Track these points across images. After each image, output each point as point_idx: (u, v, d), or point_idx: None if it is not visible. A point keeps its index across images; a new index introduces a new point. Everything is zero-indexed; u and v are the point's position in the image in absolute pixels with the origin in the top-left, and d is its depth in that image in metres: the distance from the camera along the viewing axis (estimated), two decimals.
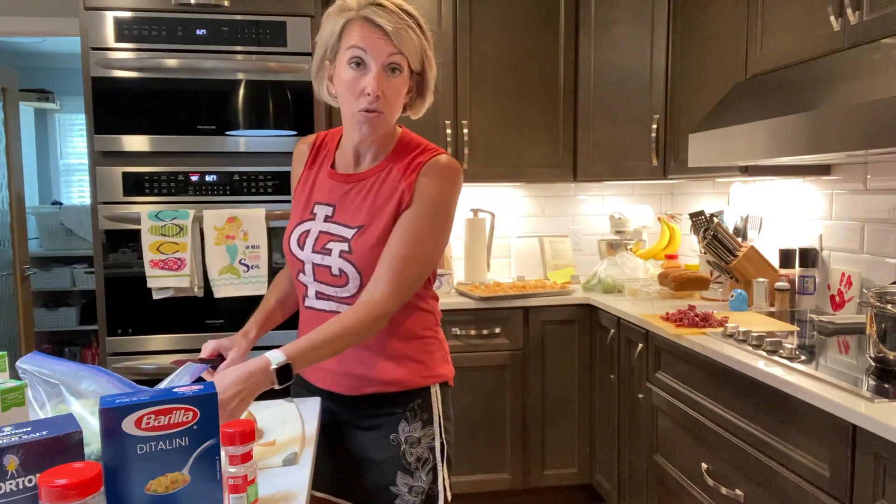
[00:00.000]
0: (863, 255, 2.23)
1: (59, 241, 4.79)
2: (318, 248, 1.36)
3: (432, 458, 1.42)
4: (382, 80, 1.26)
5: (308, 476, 1.08)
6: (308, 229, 1.39)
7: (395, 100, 1.30)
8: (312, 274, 1.38)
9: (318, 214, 1.39)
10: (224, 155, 2.51)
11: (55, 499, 0.70)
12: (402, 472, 1.39)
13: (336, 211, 1.37)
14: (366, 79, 1.26)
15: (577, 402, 2.91)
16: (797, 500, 1.55)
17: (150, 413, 0.83)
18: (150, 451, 0.83)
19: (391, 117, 1.32)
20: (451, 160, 1.37)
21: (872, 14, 1.71)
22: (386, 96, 1.27)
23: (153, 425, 0.83)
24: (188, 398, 0.86)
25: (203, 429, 0.86)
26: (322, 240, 1.37)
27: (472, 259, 3.15)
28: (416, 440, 1.40)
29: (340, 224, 1.36)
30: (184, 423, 0.85)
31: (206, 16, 2.44)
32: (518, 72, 3.02)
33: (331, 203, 1.39)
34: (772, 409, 1.65)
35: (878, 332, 1.57)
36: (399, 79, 1.29)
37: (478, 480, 2.85)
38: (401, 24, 1.25)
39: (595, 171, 3.06)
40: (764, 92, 2.03)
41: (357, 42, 1.25)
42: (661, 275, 2.78)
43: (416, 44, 1.29)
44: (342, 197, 1.38)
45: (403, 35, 1.26)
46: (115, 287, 2.47)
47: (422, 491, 1.40)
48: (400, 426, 1.40)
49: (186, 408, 0.85)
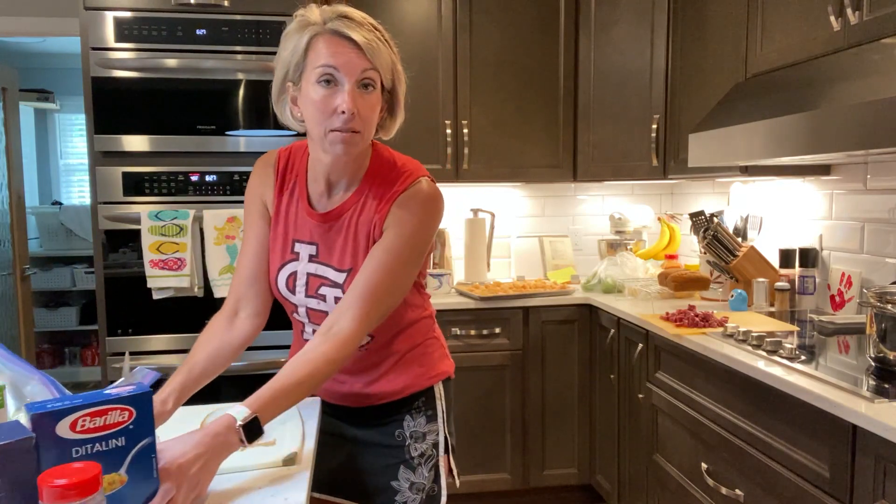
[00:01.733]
0: (863, 255, 2.23)
1: (59, 241, 4.79)
2: (312, 293, 1.31)
3: (435, 454, 1.43)
4: (357, 98, 1.17)
5: (308, 476, 1.08)
6: (294, 271, 1.32)
7: (370, 118, 1.20)
8: (307, 316, 1.34)
9: (300, 254, 1.31)
10: (224, 155, 2.51)
11: (55, 499, 0.70)
12: (404, 466, 1.40)
13: (320, 250, 1.30)
14: (339, 97, 1.16)
15: (577, 402, 2.91)
16: (797, 500, 1.55)
17: (86, 415, 0.83)
18: (86, 454, 0.83)
19: (367, 136, 1.22)
20: (430, 188, 1.28)
21: (872, 14, 1.71)
22: (361, 115, 1.18)
23: (88, 427, 0.83)
24: (124, 398, 0.86)
25: (139, 428, 0.87)
26: (313, 283, 1.31)
27: (472, 259, 3.15)
28: (422, 435, 1.41)
29: (328, 265, 1.29)
30: (120, 423, 0.85)
31: (206, 16, 2.44)
32: (518, 72, 3.02)
33: (312, 241, 1.31)
34: (772, 409, 1.65)
35: (878, 332, 1.57)
36: (373, 95, 1.20)
37: (478, 480, 2.85)
38: (372, 37, 1.17)
39: (595, 171, 3.06)
40: (764, 92, 2.03)
41: (327, 58, 1.15)
42: (661, 275, 2.78)
43: (388, 58, 1.21)
44: (323, 235, 1.30)
45: (376, 48, 1.17)
46: (115, 287, 2.47)
47: (423, 488, 1.41)
48: (405, 422, 1.41)
49: (122, 408, 0.85)
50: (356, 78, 1.17)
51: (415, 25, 2.92)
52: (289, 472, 1.09)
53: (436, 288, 2.95)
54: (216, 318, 1.34)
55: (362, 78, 1.17)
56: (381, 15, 2.88)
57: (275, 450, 1.16)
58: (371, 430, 1.43)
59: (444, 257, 3.17)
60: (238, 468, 1.09)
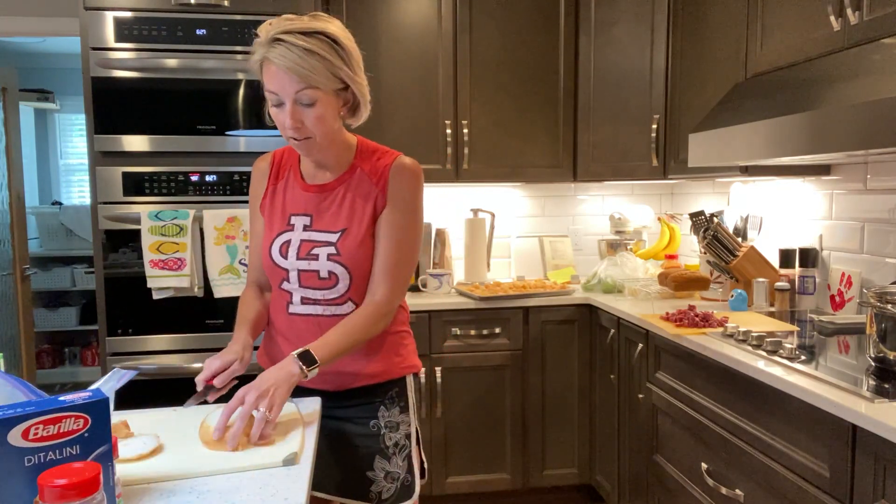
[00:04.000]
0: (863, 255, 2.23)
1: (59, 241, 4.79)
2: (303, 255, 1.43)
3: (408, 445, 1.52)
4: (298, 112, 1.32)
5: (308, 476, 1.08)
6: (288, 239, 1.45)
7: (317, 124, 1.34)
8: (298, 280, 1.45)
9: (295, 225, 1.46)
10: (224, 155, 2.51)
11: (55, 499, 0.70)
12: (380, 456, 1.48)
13: (314, 220, 1.45)
14: (283, 114, 1.33)
15: (577, 402, 2.91)
16: (797, 500, 1.55)
17: (38, 423, 0.80)
18: (39, 463, 0.80)
19: (322, 138, 1.37)
20: (413, 161, 1.49)
21: (872, 14, 1.71)
22: (307, 124, 1.33)
23: (42, 435, 0.81)
24: (78, 406, 0.83)
25: (94, 436, 0.84)
26: (305, 247, 1.43)
27: (472, 259, 3.15)
28: (395, 425, 1.51)
29: (321, 231, 1.44)
30: (74, 430, 0.83)
31: (206, 16, 2.44)
32: (518, 72, 3.02)
33: (307, 213, 1.46)
34: (772, 409, 1.65)
35: (878, 332, 1.57)
36: (316, 107, 1.33)
37: (478, 480, 2.85)
38: (301, 59, 1.27)
39: (595, 171, 3.06)
40: (764, 92, 2.03)
41: (268, 84, 1.32)
42: (661, 275, 2.78)
43: (325, 69, 1.30)
44: (317, 206, 1.46)
45: (304, 69, 1.28)
46: (115, 287, 2.47)
47: (397, 478, 1.49)
48: (379, 412, 1.50)
49: (77, 415, 0.83)
50: (292, 98, 1.32)
51: (415, 25, 2.92)
52: (289, 472, 1.09)
53: (436, 288, 2.95)
54: (246, 291, 1.55)
55: (296, 97, 1.32)
56: (381, 15, 2.88)
57: (275, 450, 1.16)
58: (346, 423, 1.49)
59: (444, 257, 3.17)
60: (238, 468, 1.09)
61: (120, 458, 1.07)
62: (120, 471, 0.99)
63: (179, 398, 1.35)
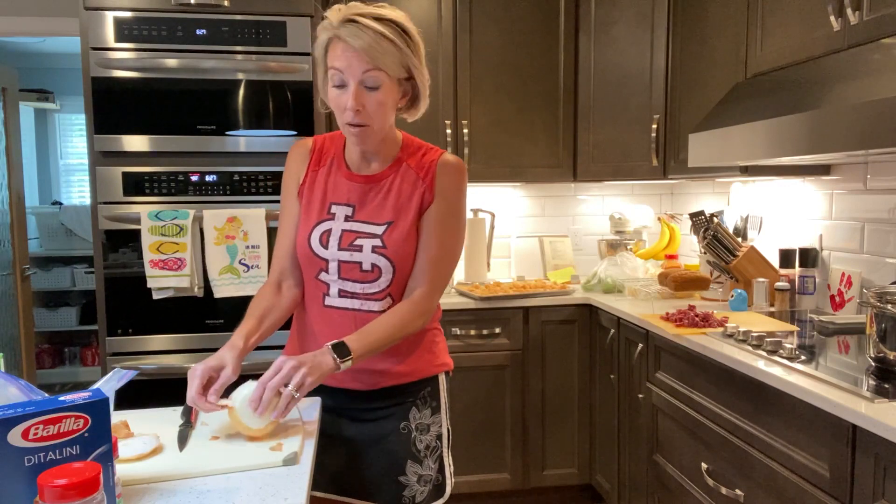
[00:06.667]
0: (863, 255, 2.23)
1: (59, 241, 4.79)
2: (346, 246, 1.39)
3: (439, 446, 1.48)
4: (361, 95, 1.30)
5: (308, 476, 1.08)
6: (329, 229, 1.41)
7: (377, 111, 1.32)
8: (338, 272, 1.40)
9: (336, 214, 1.42)
10: (224, 155, 2.51)
11: (55, 499, 0.70)
12: (411, 460, 1.44)
13: (356, 210, 1.42)
14: (345, 96, 1.31)
15: (577, 402, 2.91)
16: (797, 500, 1.55)
17: (38, 423, 0.80)
18: (39, 463, 0.80)
19: (378, 128, 1.35)
20: (458, 159, 1.46)
21: (872, 14, 1.71)
22: (367, 110, 1.31)
23: (42, 435, 0.81)
24: (78, 406, 0.83)
25: (94, 436, 0.84)
26: (348, 237, 1.40)
27: (472, 259, 3.15)
28: (426, 427, 1.47)
29: (365, 222, 1.40)
30: (74, 430, 0.83)
31: (206, 16, 2.44)
32: (518, 72, 3.02)
33: (349, 203, 1.42)
34: (772, 409, 1.65)
35: (878, 332, 1.57)
36: (380, 92, 1.31)
37: (478, 480, 2.85)
38: (373, 40, 1.27)
39: (595, 171, 3.06)
40: (764, 92, 2.03)
41: (334, 62, 1.30)
42: (661, 275, 2.78)
43: (395, 54, 1.30)
44: (361, 197, 1.42)
45: (376, 50, 1.27)
46: (115, 287, 2.47)
47: (430, 479, 1.45)
48: (411, 413, 1.46)
49: (77, 415, 0.83)
50: (358, 79, 1.29)
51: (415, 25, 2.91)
52: (289, 472, 1.09)
53: None
54: (264, 288, 1.47)
55: (363, 79, 1.29)
56: None
57: (275, 450, 1.16)
58: (375, 425, 1.45)
59: None
60: (238, 468, 1.09)
61: (120, 458, 1.07)
62: (120, 471, 0.99)
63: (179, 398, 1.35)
